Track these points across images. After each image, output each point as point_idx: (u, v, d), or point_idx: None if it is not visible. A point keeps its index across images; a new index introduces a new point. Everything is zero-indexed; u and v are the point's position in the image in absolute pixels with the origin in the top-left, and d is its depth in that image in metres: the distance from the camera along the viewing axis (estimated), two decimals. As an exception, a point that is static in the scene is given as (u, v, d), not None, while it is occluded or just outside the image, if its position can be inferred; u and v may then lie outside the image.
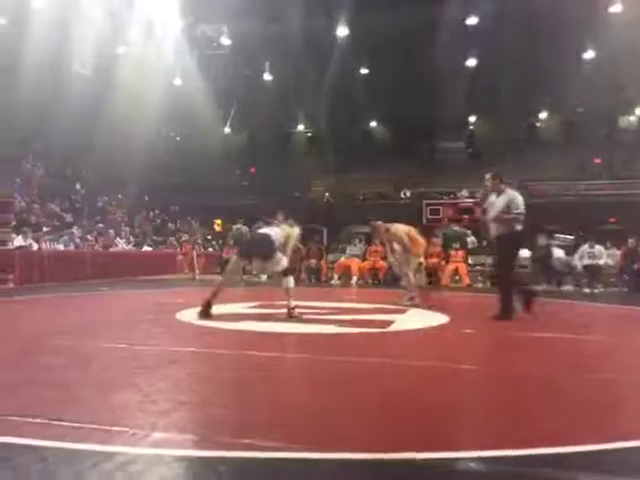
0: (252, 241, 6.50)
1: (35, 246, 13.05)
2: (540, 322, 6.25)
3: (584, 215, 19.91)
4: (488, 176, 6.73)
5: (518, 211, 6.33)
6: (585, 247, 12.72)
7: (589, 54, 22.64)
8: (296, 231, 6.83)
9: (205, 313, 6.07)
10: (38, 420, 2.47)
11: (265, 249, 6.25)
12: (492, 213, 6.49)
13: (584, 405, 2.99)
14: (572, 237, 14.74)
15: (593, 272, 12.37)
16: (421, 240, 8.40)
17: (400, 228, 8.27)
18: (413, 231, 8.34)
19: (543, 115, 29.28)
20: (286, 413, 2.75)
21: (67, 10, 18.29)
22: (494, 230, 6.47)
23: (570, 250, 13.55)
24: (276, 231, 6.46)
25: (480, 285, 13.60)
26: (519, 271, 12.94)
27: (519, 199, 6.40)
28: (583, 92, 22.55)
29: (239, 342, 4.93)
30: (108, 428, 2.39)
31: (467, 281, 13.11)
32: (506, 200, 6.38)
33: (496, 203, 6.47)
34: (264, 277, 14.15)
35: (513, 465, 2.10)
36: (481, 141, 29.18)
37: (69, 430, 2.36)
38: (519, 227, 6.39)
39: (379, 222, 8.46)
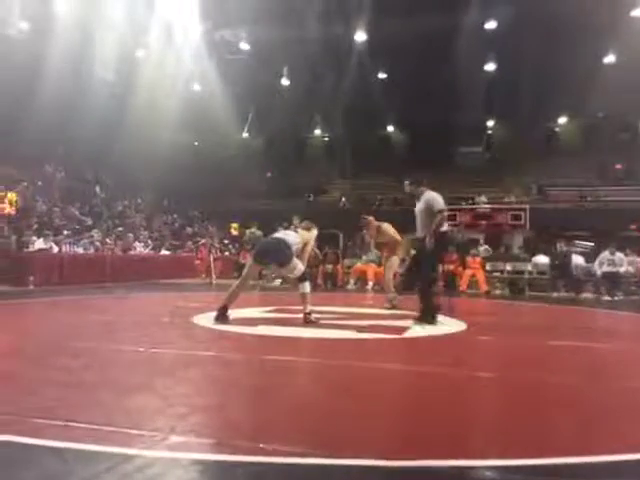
0: (267, 246, 6.49)
1: (55, 249, 13.23)
2: (558, 330, 6.18)
3: (604, 222, 19.64)
4: (407, 182, 6.88)
5: (439, 208, 6.33)
6: (605, 254, 12.55)
7: (610, 58, 22.39)
8: (314, 233, 6.82)
9: (221, 317, 6.10)
10: (57, 422, 2.50)
11: (280, 255, 6.24)
12: (417, 217, 6.62)
13: (605, 414, 2.94)
14: (592, 244, 14.57)
15: (613, 279, 12.19)
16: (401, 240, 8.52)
17: (390, 227, 8.36)
18: (395, 231, 8.45)
19: (562, 120, 29.00)
20: (303, 418, 2.75)
21: (89, 15, 18.59)
22: (419, 232, 6.54)
23: (590, 257, 13.39)
24: (293, 236, 6.47)
25: (498, 292, 13.50)
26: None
27: (439, 198, 6.43)
28: (603, 96, 22.28)
29: (256, 346, 4.94)
30: (126, 431, 2.41)
31: (485, 287, 13.00)
32: (425, 201, 6.46)
33: (418, 206, 6.62)
34: (278, 282, 14.21)
35: (531, 474, 2.07)
36: (499, 146, 29.00)
37: (87, 432, 2.38)
38: (444, 228, 6.43)
39: (371, 217, 8.56)
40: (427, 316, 6.29)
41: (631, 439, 2.48)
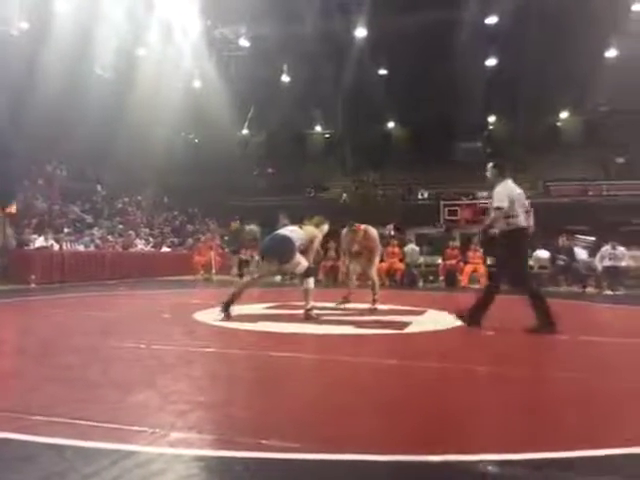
0: (271, 243, 6.50)
1: (56, 247, 13.24)
2: (559, 324, 6.15)
3: (606, 216, 19.61)
4: (490, 165, 6.07)
5: (495, 205, 5.58)
6: (607, 248, 12.51)
7: (611, 52, 22.32)
8: (324, 229, 6.82)
9: (226, 312, 6.11)
10: (58, 419, 2.51)
11: (283, 251, 6.25)
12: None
13: (607, 408, 2.94)
14: (593, 238, 14.53)
15: (614, 274, 12.17)
16: None
17: (375, 231, 7.96)
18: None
19: (564, 115, 28.93)
20: (303, 414, 2.75)
21: (88, 13, 18.56)
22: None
23: (592, 251, 13.35)
24: (298, 232, 6.46)
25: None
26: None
27: (502, 193, 5.61)
28: (605, 91, 22.22)
29: (256, 342, 4.95)
30: (127, 427, 2.42)
31: (486, 282, 12.97)
32: (493, 194, 5.75)
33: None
34: (278, 278, 14.23)
35: (532, 468, 2.07)
36: (500, 142, 28.95)
37: (89, 429, 2.39)
38: (508, 226, 5.54)
39: (361, 225, 7.98)
40: (543, 323, 5.42)
41: (635, 433, 2.48)
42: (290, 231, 6.46)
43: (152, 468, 2.01)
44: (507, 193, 5.60)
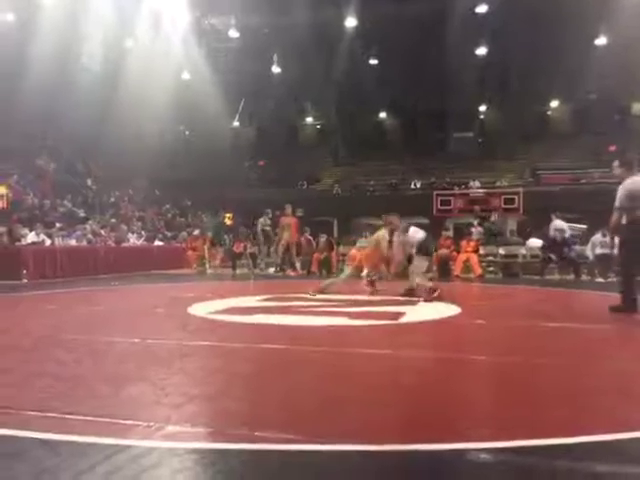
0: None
1: (48, 242, 13.15)
2: (552, 312, 6.20)
3: (598, 204, 19.66)
4: (616, 163, 6.58)
5: (615, 205, 6.06)
6: (598, 236, 12.56)
7: (601, 40, 22.34)
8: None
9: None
10: (52, 414, 2.50)
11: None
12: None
13: (596, 394, 2.96)
14: (585, 226, 14.57)
15: (606, 261, 12.22)
16: None
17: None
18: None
19: (555, 103, 28.98)
20: (298, 406, 2.75)
21: (75, 5, 18.35)
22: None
23: (583, 239, 13.40)
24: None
25: (492, 276, 13.53)
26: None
27: (622, 192, 6.17)
28: (595, 79, 22.25)
29: (251, 335, 4.94)
30: (122, 421, 2.41)
31: (479, 271, 13.03)
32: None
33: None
34: (272, 270, 14.29)
35: (526, 456, 2.09)
36: (492, 131, 28.98)
37: (83, 424, 2.38)
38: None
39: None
40: (626, 305, 5.79)
41: (624, 419, 2.50)
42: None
43: (147, 462, 2.00)
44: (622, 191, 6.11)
